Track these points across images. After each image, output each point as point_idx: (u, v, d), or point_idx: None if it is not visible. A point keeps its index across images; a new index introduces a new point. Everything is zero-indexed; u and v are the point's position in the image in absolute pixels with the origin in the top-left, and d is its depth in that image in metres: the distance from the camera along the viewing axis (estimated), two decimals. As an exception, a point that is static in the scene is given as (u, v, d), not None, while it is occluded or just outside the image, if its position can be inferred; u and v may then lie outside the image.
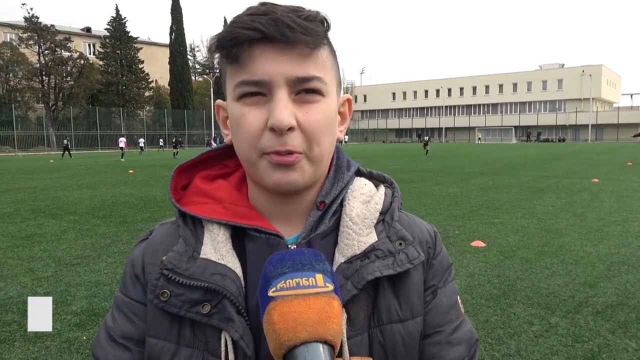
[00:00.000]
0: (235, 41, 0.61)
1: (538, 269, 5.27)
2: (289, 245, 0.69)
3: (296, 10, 0.63)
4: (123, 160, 28.48)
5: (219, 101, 0.74)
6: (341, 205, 0.73)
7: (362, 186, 0.75)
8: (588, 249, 6.08)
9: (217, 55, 0.65)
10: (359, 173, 0.79)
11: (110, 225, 7.94)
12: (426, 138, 36.23)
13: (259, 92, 0.63)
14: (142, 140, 41.80)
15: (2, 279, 5.13)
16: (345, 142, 65.72)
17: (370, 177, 0.79)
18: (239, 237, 0.71)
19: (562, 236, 6.79)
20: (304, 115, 0.63)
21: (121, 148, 31.85)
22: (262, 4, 0.64)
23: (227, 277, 0.65)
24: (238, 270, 0.67)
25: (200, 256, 0.67)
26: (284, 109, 0.61)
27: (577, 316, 3.95)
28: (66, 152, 34.59)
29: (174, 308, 0.65)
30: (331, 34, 0.68)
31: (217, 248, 0.68)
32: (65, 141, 35.00)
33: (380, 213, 0.72)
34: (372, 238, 0.69)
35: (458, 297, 0.76)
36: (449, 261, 0.77)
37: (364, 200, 0.73)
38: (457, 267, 5.35)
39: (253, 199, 0.73)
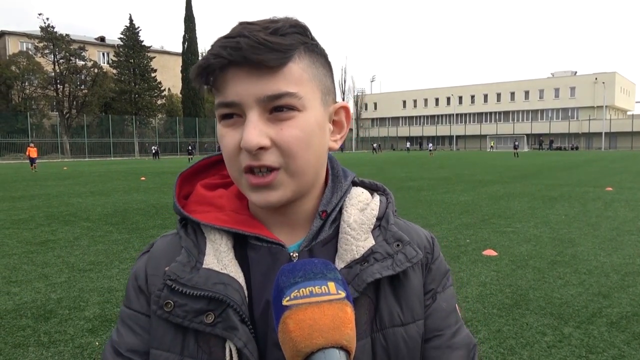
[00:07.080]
0: (208, 70, 0.63)
1: (551, 278, 5.21)
2: (291, 254, 0.70)
3: (267, 27, 0.63)
4: None
5: None
6: (339, 213, 0.74)
7: (359, 194, 0.77)
8: (602, 258, 6.00)
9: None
10: (353, 182, 0.80)
11: (122, 232, 8.02)
12: (516, 143, 38.91)
13: (235, 113, 0.65)
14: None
15: (16, 284, 5.21)
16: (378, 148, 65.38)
17: (363, 186, 0.81)
18: (241, 247, 0.71)
19: (576, 245, 6.71)
20: (278, 133, 0.63)
21: None
22: (240, 23, 0.65)
23: (230, 286, 0.65)
24: (241, 279, 0.68)
25: (203, 266, 0.67)
26: (253, 130, 0.62)
27: (590, 327, 3.90)
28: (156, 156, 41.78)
29: (178, 318, 0.65)
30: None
31: (220, 258, 0.68)
32: (153, 148, 42.52)
33: (377, 219, 0.74)
34: (370, 242, 0.71)
35: (457, 303, 0.78)
36: (446, 267, 0.79)
37: (361, 207, 0.75)
38: (469, 276, 5.31)
39: (253, 209, 0.75)
